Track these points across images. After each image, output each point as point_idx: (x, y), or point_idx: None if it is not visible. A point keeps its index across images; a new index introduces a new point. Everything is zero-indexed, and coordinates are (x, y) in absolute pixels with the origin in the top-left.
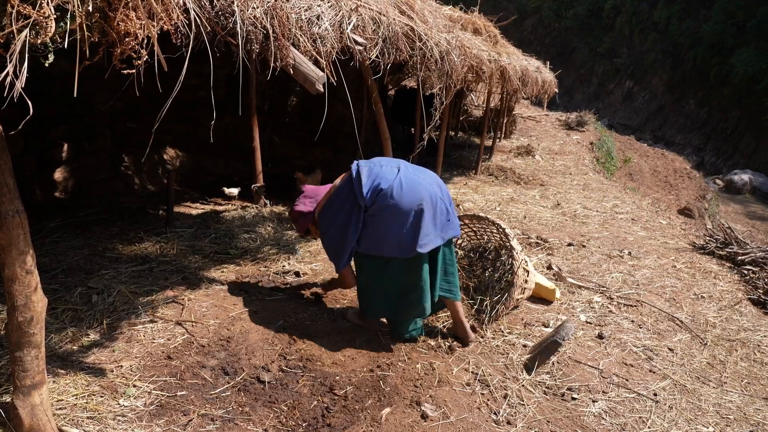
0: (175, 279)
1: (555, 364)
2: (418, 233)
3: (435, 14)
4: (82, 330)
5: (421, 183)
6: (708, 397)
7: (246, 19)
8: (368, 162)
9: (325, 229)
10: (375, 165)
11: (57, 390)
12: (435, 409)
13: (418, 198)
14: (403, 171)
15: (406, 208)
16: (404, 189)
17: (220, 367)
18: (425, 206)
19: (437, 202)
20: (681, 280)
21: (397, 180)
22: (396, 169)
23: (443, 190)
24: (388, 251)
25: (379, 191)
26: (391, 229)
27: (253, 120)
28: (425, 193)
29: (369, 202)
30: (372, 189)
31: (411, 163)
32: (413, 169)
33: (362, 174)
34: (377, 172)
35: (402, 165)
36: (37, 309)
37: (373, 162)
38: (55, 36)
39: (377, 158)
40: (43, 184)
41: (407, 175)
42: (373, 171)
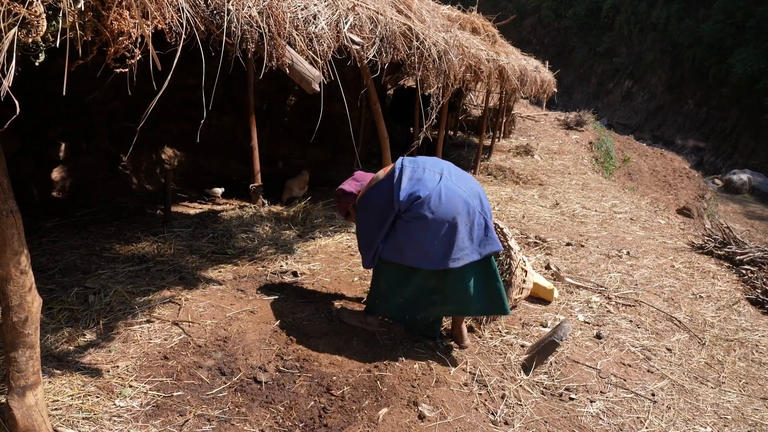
0: (173, 279)
1: (553, 364)
2: (451, 247)
3: (433, 13)
4: (79, 330)
5: (460, 195)
6: (706, 397)
7: (241, 18)
8: (412, 162)
9: (359, 221)
10: (418, 167)
11: (53, 390)
12: (432, 410)
13: (453, 210)
14: (445, 179)
15: (440, 219)
16: (443, 200)
17: (216, 368)
18: (459, 219)
19: (475, 216)
20: (679, 279)
21: (437, 189)
22: (438, 175)
23: (484, 203)
24: (413, 260)
25: (416, 198)
26: (421, 238)
27: (251, 119)
28: (462, 205)
29: (404, 207)
30: (409, 194)
31: (455, 168)
32: (456, 176)
33: (403, 175)
34: (419, 176)
35: (445, 171)
36: (32, 309)
37: (416, 163)
38: (47, 35)
39: (422, 158)
40: (40, 184)
41: (448, 185)
42: (415, 174)
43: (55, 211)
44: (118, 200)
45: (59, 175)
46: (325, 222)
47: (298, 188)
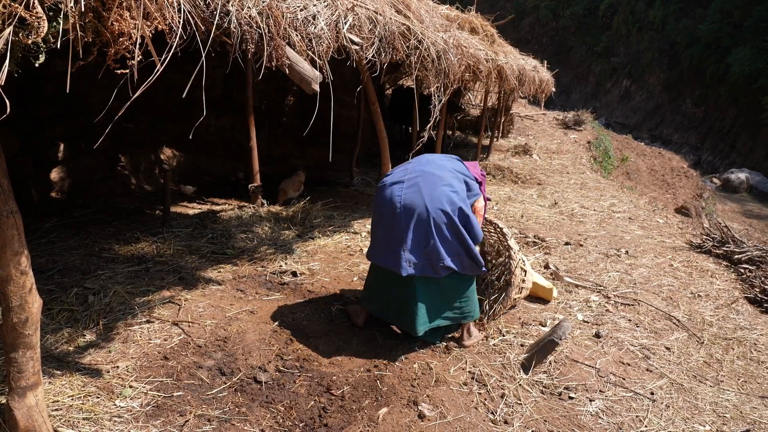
0: (172, 279)
1: (552, 363)
2: (388, 245)
3: (431, 13)
4: (78, 331)
5: (418, 197)
6: (705, 395)
7: (241, 19)
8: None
9: None
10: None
11: (53, 391)
12: (432, 409)
13: (397, 207)
14: (413, 178)
15: (382, 212)
16: (395, 194)
17: (216, 368)
18: (398, 220)
19: (421, 224)
20: (678, 278)
21: (408, 176)
22: (406, 172)
23: (446, 217)
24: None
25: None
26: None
27: (250, 120)
28: (417, 207)
29: None
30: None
31: (431, 173)
32: (426, 180)
33: None
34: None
35: (417, 172)
36: (32, 310)
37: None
38: (48, 36)
39: (447, 162)
40: (39, 184)
41: (417, 180)
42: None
43: (54, 212)
44: (117, 200)
45: (58, 176)
46: (324, 222)
47: (292, 190)
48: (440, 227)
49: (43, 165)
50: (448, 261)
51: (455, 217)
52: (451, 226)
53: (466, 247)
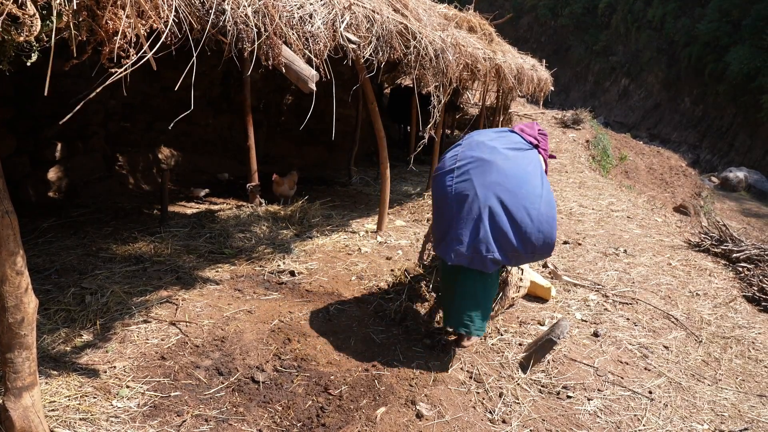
0: (170, 279)
1: (550, 362)
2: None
3: (429, 12)
4: (75, 331)
5: (475, 187)
6: (703, 394)
7: (237, 18)
8: (469, 150)
9: None
10: (457, 157)
11: (49, 391)
12: (430, 408)
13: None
14: (476, 165)
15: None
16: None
17: (214, 368)
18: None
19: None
20: (676, 277)
21: (461, 164)
22: (484, 158)
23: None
24: None
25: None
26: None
27: (247, 119)
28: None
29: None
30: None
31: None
32: (490, 164)
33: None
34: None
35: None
36: (28, 310)
37: (469, 154)
38: (41, 35)
39: (506, 138)
40: (36, 184)
41: (470, 168)
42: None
43: (52, 212)
44: (114, 200)
45: (55, 175)
46: (323, 221)
47: (288, 187)
48: (493, 216)
49: (41, 164)
50: (497, 254)
51: (512, 206)
52: (503, 215)
53: (522, 234)
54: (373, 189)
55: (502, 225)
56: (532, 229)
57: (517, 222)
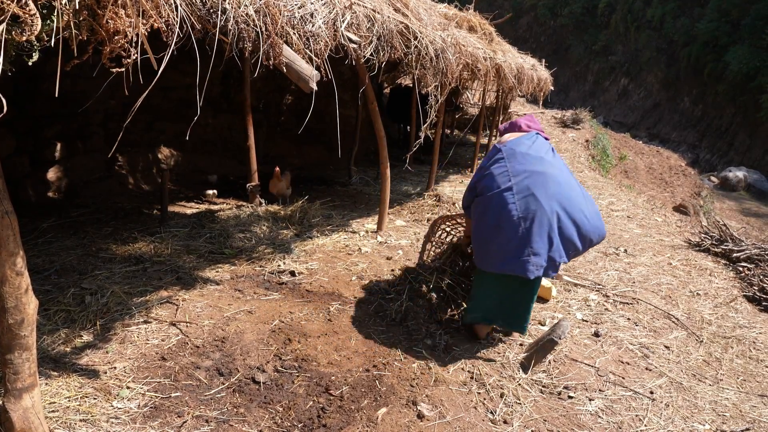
0: (170, 279)
1: (551, 362)
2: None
3: (429, 12)
4: (75, 331)
5: (539, 200)
6: (704, 394)
7: (238, 17)
8: (511, 154)
9: None
10: (504, 164)
11: (49, 392)
12: (431, 409)
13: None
14: (508, 196)
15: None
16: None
17: (214, 368)
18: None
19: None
20: (676, 277)
21: (517, 181)
22: (502, 187)
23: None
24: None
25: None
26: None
27: (247, 119)
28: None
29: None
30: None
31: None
32: (541, 175)
33: (488, 165)
34: (494, 174)
35: (524, 185)
36: (28, 311)
37: (515, 159)
38: (42, 34)
39: (541, 145)
40: (36, 184)
41: (527, 183)
42: (494, 170)
43: (51, 212)
44: (114, 200)
45: (55, 176)
46: (323, 221)
47: (284, 185)
48: (560, 225)
49: (40, 165)
50: (565, 258)
51: (572, 211)
52: (568, 221)
53: (581, 234)
54: (373, 189)
55: (568, 231)
56: (589, 227)
57: (578, 224)
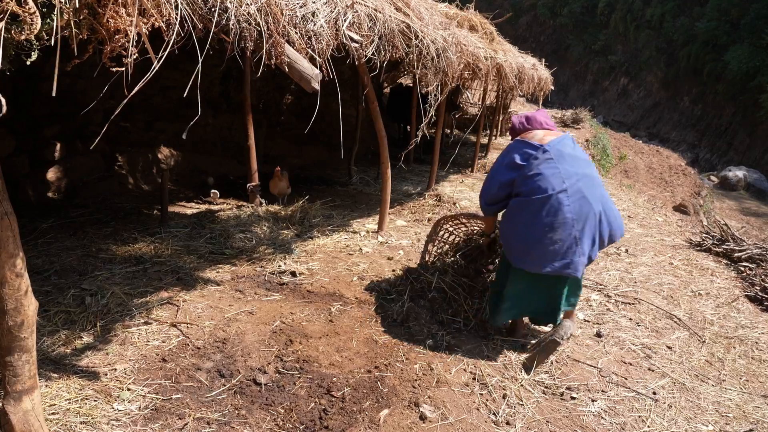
0: (170, 280)
1: (553, 363)
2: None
3: (431, 11)
4: (75, 333)
5: (590, 202)
6: (707, 395)
7: (239, 16)
8: (558, 154)
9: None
10: (553, 164)
11: (49, 394)
12: (433, 410)
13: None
14: (564, 198)
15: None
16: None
17: (215, 370)
18: (571, 226)
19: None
20: (678, 277)
21: (545, 198)
22: (556, 188)
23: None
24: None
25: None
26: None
27: (248, 118)
28: (587, 215)
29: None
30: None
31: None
32: (588, 177)
33: (534, 165)
34: (547, 175)
35: (576, 188)
36: (27, 313)
37: (561, 159)
38: (41, 33)
39: (570, 158)
40: (35, 184)
41: (561, 203)
42: (544, 170)
43: (51, 212)
44: (114, 200)
45: (55, 176)
46: (323, 221)
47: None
48: (601, 225)
49: (40, 165)
50: (596, 254)
51: (608, 211)
52: (605, 221)
53: (611, 231)
54: (373, 188)
55: (604, 230)
56: (616, 226)
57: (611, 223)
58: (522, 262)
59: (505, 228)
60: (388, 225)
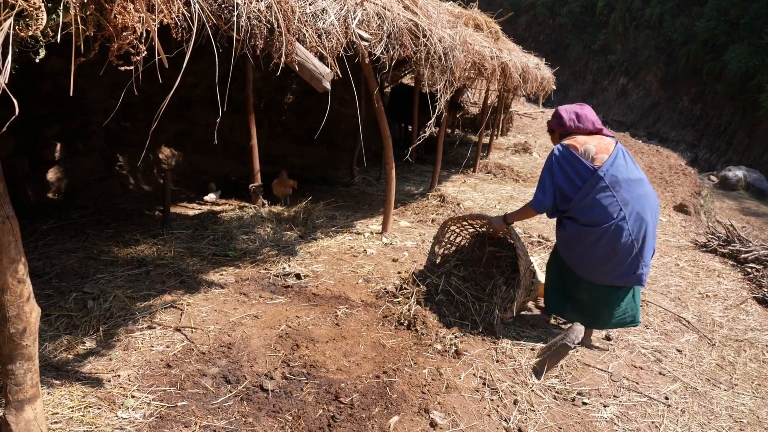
0: (173, 282)
1: (564, 367)
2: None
3: (438, 9)
4: (78, 338)
5: (645, 219)
6: (720, 400)
7: (250, 13)
8: (613, 179)
9: (548, 165)
10: (611, 191)
11: (52, 402)
12: (444, 417)
13: (636, 232)
14: (624, 224)
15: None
16: (603, 242)
17: (221, 376)
18: (636, 245)
19: (646, 241)
20: (685, 278)
21: (606, 229)
22: (616, 216)
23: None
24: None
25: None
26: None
27: (250, 118)
28: (643, 229)
29: (570, 212)
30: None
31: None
32: (637, 220)
33: (591, 194)
34: (605, 204)
35: (633, 210)
36: (30, 320)
37: (618, 182)
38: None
39: (625, 180)
40: (35, 185)
41: (623, 229)
42: (601, 199)
43: (51, 213)
44: (115, 201)
45: (55, 176)
46: (327, 222)
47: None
48: (654, 234)
49: (40, 165)
50: None
51: (656, 217)
52: (654, 230)
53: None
54: (376, 189)
55: (654, 236)
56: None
57: (654, 226)
58: (590, 276)
59: (567, 254)
60: (391, 226)
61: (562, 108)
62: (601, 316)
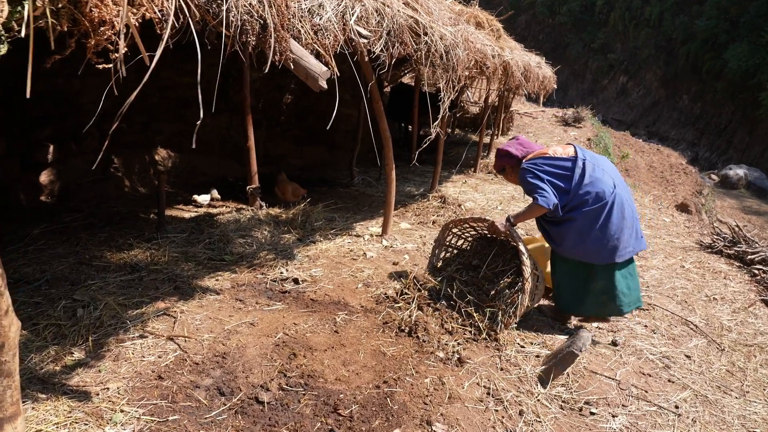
0: (167, 289)
1: (570, 375)
2: (618, 243)
3: (439, 6)
4: (66, 348)
5: (625, 205)
6: (731, 408)
7: (240, 7)
8: (592, 159)
9: (525, 176)
10: (597, 168)
11: (36, 418)
12: (447, 429)
13: (621, 217)
14: (618, 191)
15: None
16: (615, 209)
17: (215, 387)
18: (625, 224)
19: (634, 219)
20: (691, 281)
21: (611, 199)
22: (612, 181)
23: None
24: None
25: (592, 199)
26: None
27: (247, 118)
28: (628, 211)
29: (575, 201)
30: (587, 192)
31: (615, 170)
32: (620, 181)
33: (586, 171)
34: (597, 176)
35: (615, 177)
36: (8, 334)
37: (596, 161)
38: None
39: (597, 157)
40: (27, 188)
41: (620, 192)
42: (594, 173)
43: (43, 217)
44: (109, 204)
45: (47, 179)
46: (326, 225)
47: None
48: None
49: (32, 168)
50: None
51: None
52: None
53: None
54: (375, 190)
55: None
56: None
57: None
58: (598, 257)
59: (580, 249)
60: (391, 228)
61: (501, 147)
62: (622, 299)
